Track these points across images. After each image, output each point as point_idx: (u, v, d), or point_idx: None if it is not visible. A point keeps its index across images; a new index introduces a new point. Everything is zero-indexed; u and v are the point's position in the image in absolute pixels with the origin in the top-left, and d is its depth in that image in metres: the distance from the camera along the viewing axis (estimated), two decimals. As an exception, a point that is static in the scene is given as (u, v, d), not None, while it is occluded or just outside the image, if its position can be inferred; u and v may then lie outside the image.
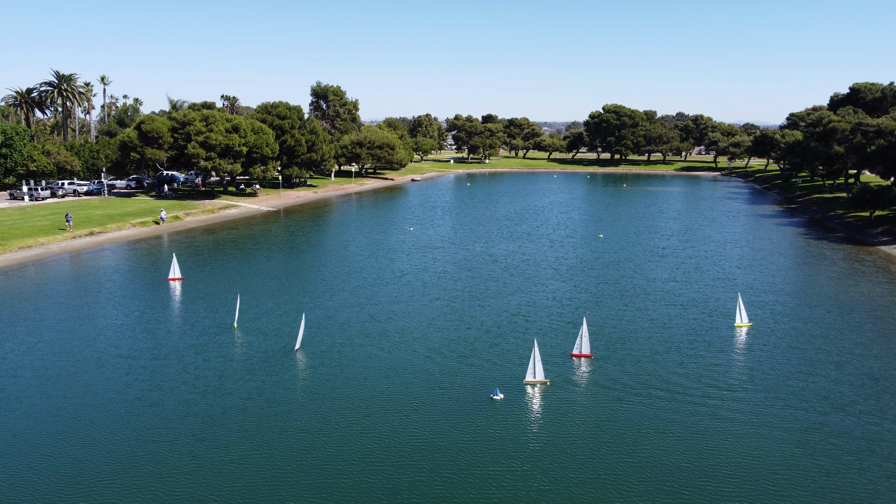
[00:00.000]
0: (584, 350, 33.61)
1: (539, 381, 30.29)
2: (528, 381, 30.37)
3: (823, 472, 23.08)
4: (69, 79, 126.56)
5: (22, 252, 58.26)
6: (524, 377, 30.39)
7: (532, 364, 30.33)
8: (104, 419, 26.49)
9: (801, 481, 22.44)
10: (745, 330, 38.75)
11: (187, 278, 50.04)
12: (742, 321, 39.35)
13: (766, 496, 21.53)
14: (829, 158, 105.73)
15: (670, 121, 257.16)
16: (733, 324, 39.56)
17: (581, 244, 68.08)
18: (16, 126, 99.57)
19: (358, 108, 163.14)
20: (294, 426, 26.00)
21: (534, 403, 28.46)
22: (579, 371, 32.07)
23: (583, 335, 33.62)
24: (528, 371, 30.46)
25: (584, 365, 32.79)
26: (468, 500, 21.14)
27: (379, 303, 43.73)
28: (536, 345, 30.74)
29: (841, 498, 21.52)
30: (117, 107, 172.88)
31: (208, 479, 22.10)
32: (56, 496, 21.07)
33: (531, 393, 29.41)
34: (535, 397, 29.04)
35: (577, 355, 33.73)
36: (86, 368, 31.73)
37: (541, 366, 30.35)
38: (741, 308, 39.54)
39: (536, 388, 29.92)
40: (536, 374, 30.31)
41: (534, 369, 30.31)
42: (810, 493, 21.79)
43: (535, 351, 30.36)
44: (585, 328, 33.77)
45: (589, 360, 33.27)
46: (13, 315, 40.43)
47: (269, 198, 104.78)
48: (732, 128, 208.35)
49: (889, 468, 23.31)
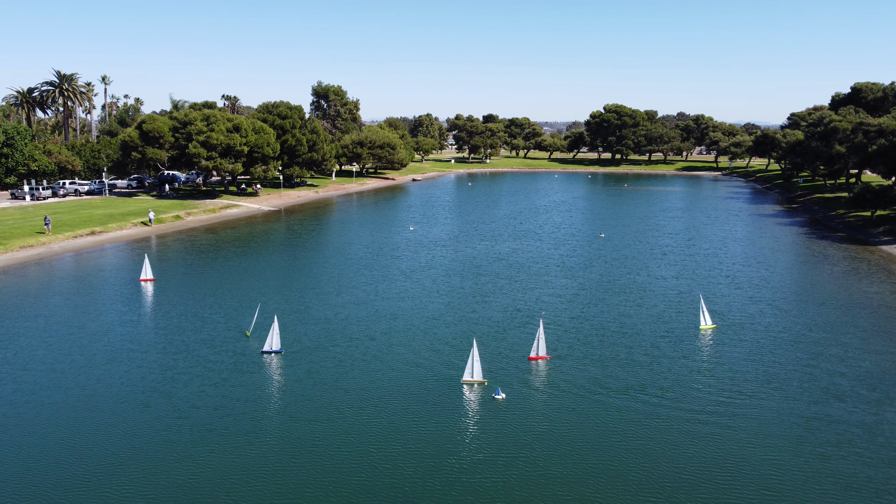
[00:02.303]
0: (540, 352, 33.06)
1: (476, 381, 30.04)
2: (465, 380, 30.13)
3: (818, 468, 23.09)
4: (70, 78, 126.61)
5: (24, 251, 58.30)
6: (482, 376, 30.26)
7: (470, 364, 30.11)
8: (121, 409, 27.09)
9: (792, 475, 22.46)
10: (710, 332, 37.90)
11: (188, 277, 50.01)
12: (707, 324, 38.52)
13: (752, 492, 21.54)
14: (831, 158, 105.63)
15: (671, 121, 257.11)
16: (698, 326, 38.70)
17: (583, 244, 68.03)
18: (17, 126, 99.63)
19: (359, 108, 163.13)
20: (303, 416, 26.44)
21: (463, 403, 28.17)
22: (525, 373, 31.57)
23: (539, 337, 33.08)
24: (466, 371, 30.24)
25: (536, 367, 32.34)
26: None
27: (382, 300, 43.75)
28: (475, 345, 30.48)
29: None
30: (118, 107, 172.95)
31: (219, 468, 22.18)
32: (73, 484, 21.19)
33: (466, 393, 29.18)
34: (464, 397, 28.74)
35: (533, 358, 33.15)
36: (98, 362, 32.12)
37: (479, 366, 30.08)
38: (704, 310, 38.75)
39: (474, 387, 29.68)
40: (474, 373, 30.08)
41: (472, 369, 30.09)
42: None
43: (473, 351, 30.13)
44: (542, 330, 33.30)
45: (544, 363, 32.73)
46: (20, 312, 40.53)
47: (270, 197, 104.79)
48: (733, 128, 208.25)
49: (886, 455, 23.30)
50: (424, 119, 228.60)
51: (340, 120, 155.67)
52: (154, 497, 21.17)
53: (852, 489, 22.13)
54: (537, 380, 30.97)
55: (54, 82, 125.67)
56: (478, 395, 29.11)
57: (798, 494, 21.78)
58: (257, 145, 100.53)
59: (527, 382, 30.58)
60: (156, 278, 49.05)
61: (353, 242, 67.70)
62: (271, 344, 33.60)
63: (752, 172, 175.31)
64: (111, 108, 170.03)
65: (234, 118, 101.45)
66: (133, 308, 42.37)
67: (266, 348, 33.71)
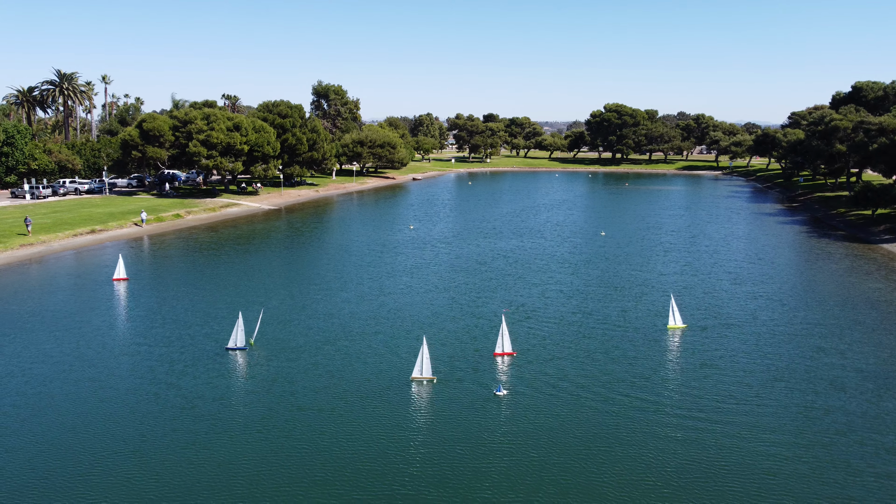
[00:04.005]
0: (505, 348, 32.81)
1: (426, 377, 29.80)
2: (414, 377, 29.92)
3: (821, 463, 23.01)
4: (70, 78, 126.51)
5: (24, 250, 58.22)
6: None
7: (420, 360, 29.86)
8: (129, 399, 27.56)
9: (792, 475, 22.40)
10: (678, 332, 37.26)
11: (189, 275, 49.91)
12: (675, 323, 37.80)
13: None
14: (831, 157, 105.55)
15: (672, 120, 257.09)
16: (666, 325, 38.12)
17: (583, 242, 67.95)
18: (17, 125, 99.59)
19: (359, 108, 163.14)
20: (310, 406, 26.75)
21: (409, 400, 28.03)
22: (482, 369, 31.32)
23: (503, 333, 32.80)
24: (416, 367, 30.00)
25: (498, 363, 32.07)
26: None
27: (387, 295, 43.68)
28: (425, 341, 30.30)
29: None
30: (118, 106, 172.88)
31: (225, 455, 22.15)
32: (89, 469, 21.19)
33: (415, 390, 29.01)
34: (411, 394, 28.58)
35: (499, 354, 32.84)
36: (107, 355, 32.36)
37: (428, 363, 29.81)
38: (674, 309, 38.07)
39: (423, 384, 29.47)
40: (423, 370, 29.84)
41: (421, 365, 29.85)
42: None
43: (423, 347, 29.90)
44: (505, 326, 33.03)
45: (508, 359, 32.45)
46: (26, 308, 40.56)
47: (271, 196, 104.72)
48: (734, 127, 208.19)
49: (888, 442, 23.24)
50: (425, 118, 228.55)
51: (341, 119, 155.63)
52: (163, 483, 21.28)
53: (854, 475, 22.36)
54: (488, 376, 30.51)
55: (55, 81, 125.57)
56: (426, 392, 28.79)
57: (802, 481, 21.83)
58: (257, 144, 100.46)
59: (475, 379, 30.12)
60: (128, 277, 48.47)
61: (353, 241, 67.61)
62: (236, 341, 33.44)
63: (752, 172, 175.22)
64: (111, 107, 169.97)
65: (234, 117, 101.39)
66: (138, 304, 42.38)
67: (230, 345, 33.56)
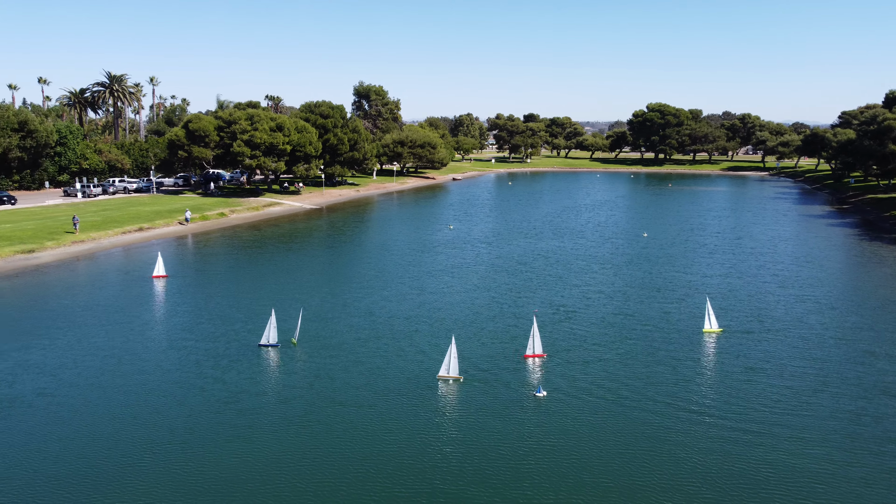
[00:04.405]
0: (536, 350, 32.37)
1: (452, 377, 29.70)
2: (441, 375, 29.87)
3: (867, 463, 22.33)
4: (120, 79, 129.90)
5: (75, 246, 60.00)
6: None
7: (447, 359, 29.83)
8: (177, 392, 28.21)
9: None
10: (714, 336, 36.33)
11: (233, 272, 50.83)
12: (711, 327, 36.91)
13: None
14: (884, 157, 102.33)
15: (716, 120, 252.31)
16: (701, 329, 37.23)
17: (625, 243, 67.17)
18: (70, 125, 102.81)
19: (399, 108, 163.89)
20: (350, 402, 26.74)
21: (437, 399, 27.95)
22: (510, 370, 31.04)
23: (534, 335, 32.36)
24: (443, 366, 29.95)
25: (528, 364, 31.77)
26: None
27: (423, 295, 43.85)
28: (454, 340, 30.20)
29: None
30: (165, 107, 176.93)
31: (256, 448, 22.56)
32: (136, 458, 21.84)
33: (442, 388, 28.91)
34: (439, 393, 28.48)
35: (529, 356, 32.43)
36: (155, 349, 33.02)
37: (455, 362, 29.72)
38: (710, 313, 37.18)
39: (449, 383, 29.39)
40: (451, 369, 29.76)
41: (448, 364, 29.80)
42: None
43: (451, 347, 29.85)
44: (536, 328, 32.58)
45: (538, 361, 32.07)
46: (78, 301, 41.76)
47: (312, 196, 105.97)
48: (781, 127, 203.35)
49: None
50: (465, 118, 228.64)
51: (381, 119, 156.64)
52: (209, 474, 21.76)
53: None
54: (519, 378, 30.22)
55: (105, 83, 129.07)
56: (452, 391, 28.75)
57: (851, 488, 21.24)
58: (300, 144, 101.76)
59: (506, 381, 29.81)
60: (168, 275, 49.21)
61: (393, 240, 68.01)
62: (268, 337, 33.87)
63: (800, 173, 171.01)
64: (159, 108, 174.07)
65: (277, 117, 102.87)
66: (184, 300, 43.33)
67: (263, 342, 33.98)
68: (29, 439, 24.28)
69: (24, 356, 32.40)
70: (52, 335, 35.56)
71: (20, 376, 29.96)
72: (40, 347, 33.65)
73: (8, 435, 24.62)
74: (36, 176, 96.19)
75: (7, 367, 31.02)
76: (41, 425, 25.38)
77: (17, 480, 21.63)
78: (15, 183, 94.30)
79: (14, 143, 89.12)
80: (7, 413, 26.39)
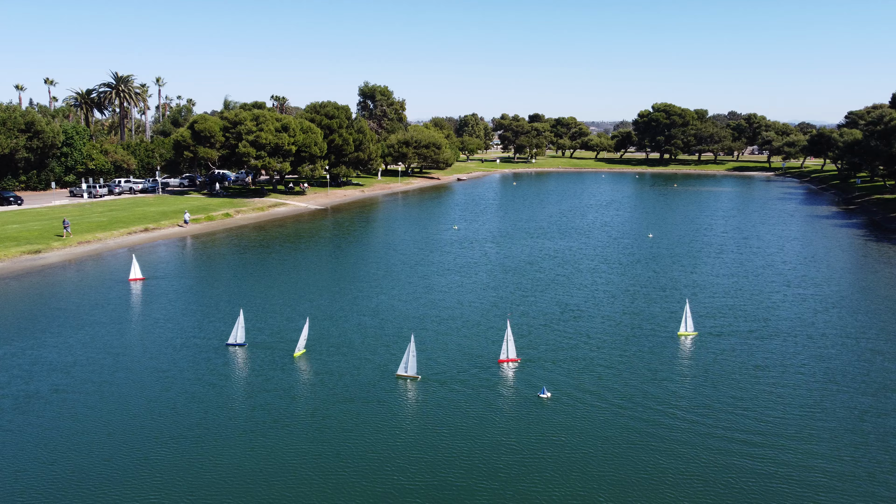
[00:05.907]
0: (510, 354, 31.82)
1: (410, 375, 29.73)
2: (399, 374, 29.93)
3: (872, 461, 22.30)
4: (126, 80, 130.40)
5: (81, 247, 60.23)
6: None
7: (406, 358, 29.87)
8: (193, 389, 28.54)
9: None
10: (689, 339, 35.81)
11: (238, 273, 51.00)
12: (686, 330, 36.37)
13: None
14: (891, 158, 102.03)
15: (722, 120, 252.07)
16: (676, 333, 36.61)
17: (631, 243, 67.12)
18: (76, 126, 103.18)
19: (405, 108, 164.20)
20: (360, 398, 26.88)
21: (395, 398, 27.86)
22: (470, 372, 30.70)
23: (507, 339, 31.86)
24: (401, 365, 29.99)
25: (499, 368, 31.20)
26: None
27: (430, 294, 43.92)
28: (413, 339, 30.18)
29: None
30: (171, 107, 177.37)
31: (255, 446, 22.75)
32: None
33: (401, 387, 28.91)
34: (393, 392, 28.40)
35: (503, 361, 31.80)
36: (168, 348, 33.28)
37: (414, 361, 29.68)
38: (687, 316, 36.49)
39: (406, 382, 29.38)
40: (409, 368, 29.78)
41: (406, 363, 29.83)
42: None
43: (410, 345, 29.87)
44: (509, 331, 32.05)
45: (509, 365, 31.41)
46: (87, 300, 42.03)
47: (317, 196, 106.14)
48: (787, 127, 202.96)
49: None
50: (470, 119, 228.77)
51: (386, 120, 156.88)
52: (223, 468, 21.99)
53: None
54: (486, 382, 29.69)
55: (111, 84, 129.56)
56: (412, 390, 28.70)
57: (857, 482, 21.31)
58: (305, 145, 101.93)
59: (473, 385, 29.35)
60: (145, 277, 48.63)
61: (399, 240, 68.09)
62: (236, 337, 34.03)
63: (806, 173, 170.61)
64: (165, 108, 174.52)
65: (282, 118, 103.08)
66: (194, 299, 43.58)
67: (230, 341, 34.13)
68: (45, 433, 24.66)
69: (39, 353, 32.75)
70: (64, 333, 35.84)
71: (36, 374, 30.28)
72: (54, 346, 33.93)
73: (26, 429, 25.04)
74: (42, 176, 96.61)
75: (23, 364, 31.42)
76: (57, 419, 25.78)
77: (36, 472, 22.05)
78: (21, 183, 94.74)
79: (21, 143, 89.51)
80: (25, 408, 26.77)
